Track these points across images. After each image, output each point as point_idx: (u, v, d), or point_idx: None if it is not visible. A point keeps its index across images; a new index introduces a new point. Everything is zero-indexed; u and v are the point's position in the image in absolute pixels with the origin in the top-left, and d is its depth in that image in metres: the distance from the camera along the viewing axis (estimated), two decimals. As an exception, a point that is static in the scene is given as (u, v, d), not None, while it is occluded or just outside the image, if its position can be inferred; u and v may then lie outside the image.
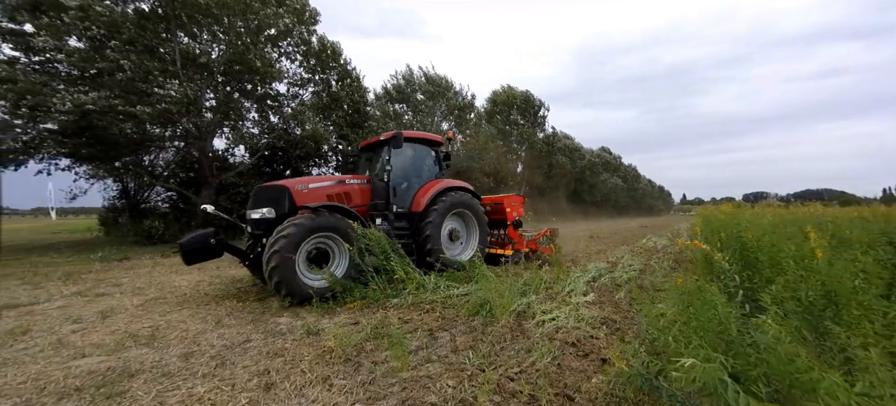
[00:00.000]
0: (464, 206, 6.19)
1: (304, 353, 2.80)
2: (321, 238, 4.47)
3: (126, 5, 11.76)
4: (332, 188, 5.46)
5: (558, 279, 4.82)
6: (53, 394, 2.23)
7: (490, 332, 3.16)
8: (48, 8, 10.26)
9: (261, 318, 3.77)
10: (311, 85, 18.11)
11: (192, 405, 2.11)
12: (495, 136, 28.18)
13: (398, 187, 5.87)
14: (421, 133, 6.60)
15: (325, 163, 18.96)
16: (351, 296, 4.12)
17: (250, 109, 16.09)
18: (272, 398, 2.21)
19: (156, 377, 2.45)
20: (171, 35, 12.64)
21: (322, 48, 17.79)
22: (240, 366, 2.61)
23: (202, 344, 3.03)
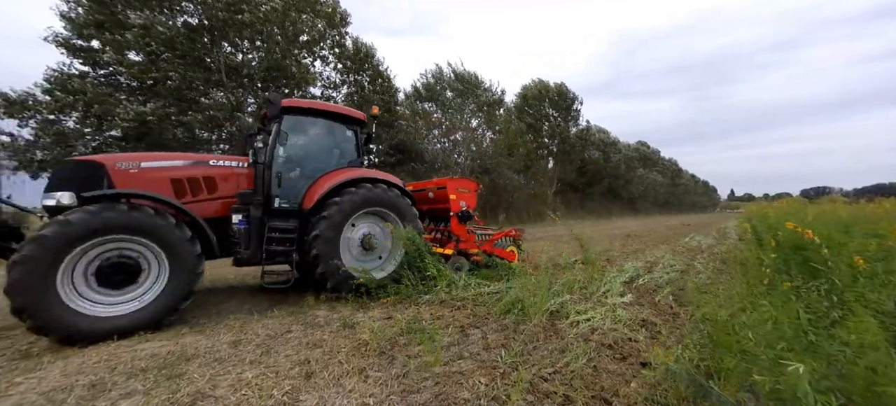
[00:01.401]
0: (383, 204, 4.61)
1: (340, 344, 2.92)
2: (120, 244, 3.21)
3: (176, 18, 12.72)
4: (182, 170, 3.97)
5: (593, 279, 4.67)
6: (123, 373, 2.48)
7: (522, 331, 3.12)
8: (112, 26, 11.34)
9: (300, 310, 3.97)
10: (344, 86, 18.68)
11: (242, 389, 2.26)
12: (525, 131, 27.69)
13: (285, 176, 4.44)
14: (328, 105, 4.94)
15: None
16: (384, 292, 4.22)
17: (288, 113, 16.80)
18: (312, 386, 2.32)
19: (209, 362, 2.65)
20: (216, 46, 13.54)
21: (357, 50, 18.28)
22: (282, 354, 2.76)
23: (248, 333, 3.25)
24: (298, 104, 4.75)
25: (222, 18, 12.22)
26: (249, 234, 4.05)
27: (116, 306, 3.24)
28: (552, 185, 31.88)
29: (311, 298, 4.36)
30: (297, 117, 4.67)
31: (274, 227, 4.19)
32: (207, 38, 13.35)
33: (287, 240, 4.22)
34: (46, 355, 2.83)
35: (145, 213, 3.28)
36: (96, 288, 3.19)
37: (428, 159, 20.22)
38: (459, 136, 22.16)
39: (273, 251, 4.13)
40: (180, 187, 3.93)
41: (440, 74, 21.99)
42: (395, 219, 4.76)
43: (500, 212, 24.48)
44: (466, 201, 5.61)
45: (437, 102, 21.64)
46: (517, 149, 24.13)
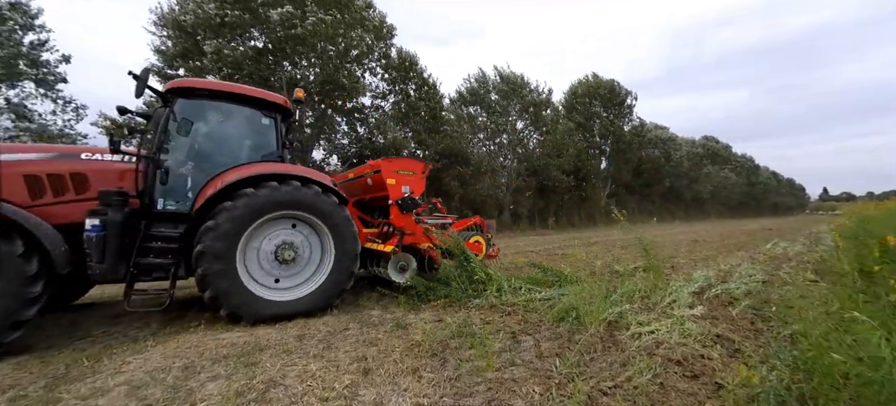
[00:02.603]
0: (297, 206, 3.81)
1: (395, 344, 3.02)
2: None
3: (245, 43, 14.19)
4: (41, 165, 3.34)
5: (656, 288, 4.32)
6: (209, 358, 2.81)
7: (578, 341, 2.98)
8: (193, 54, 12.98)
9: (357, 309, 4.18)
10: (391, 96, 19.44)
11: (307, 380, 2.44)
12: (574, 130, 26.56)
13: (174, 171, 3.70)
14: (235, 86, 4.18)
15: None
16: (436, 294, 4.29)
17: (341, 123, 17.94)
18: (369, 382, 2.43)
19: (279, 353, 2.90)
20: (278, 65, 14.87)
21: (401, 60, 18.98)
22: (342, 350, 2.93)
23: (312, 328, 3.50)
24: (194, 84, 3.91)
25: (280, 35, 13.37)
26: (105, 243, 3.19)
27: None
28: (606, 186, 30.16)
29: (366, 299, 4.58)
30: (194, 101, 3.86)
31: (153, 235, 3.47)
32: (271, 59, 14.72)
33: (168, 250, 3.49)
34: (150, 340, 3.29)
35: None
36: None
37: (473, 163, 20.25)
38: (505, 138, 21.91)
39: (148, 265, 3.42)
40: (37, 185, 3.28)
41: (484, 78, 21.96)
42: (318, 224, 3.97)
43: (549, 215, 23.70)
44: (410, 185, 4.73)
45: (481, 106, 21.62)
46: (566, 149, 23.22)
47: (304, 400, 2.21)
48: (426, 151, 19.37)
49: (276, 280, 3.91)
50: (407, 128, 19.20)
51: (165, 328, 3.65)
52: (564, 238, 15.02)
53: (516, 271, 5.73)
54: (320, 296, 3.95)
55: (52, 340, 3.35)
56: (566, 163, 22.98)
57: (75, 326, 3.75)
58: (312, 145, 16.39)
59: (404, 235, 4.65)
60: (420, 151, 19.69)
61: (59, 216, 3.27)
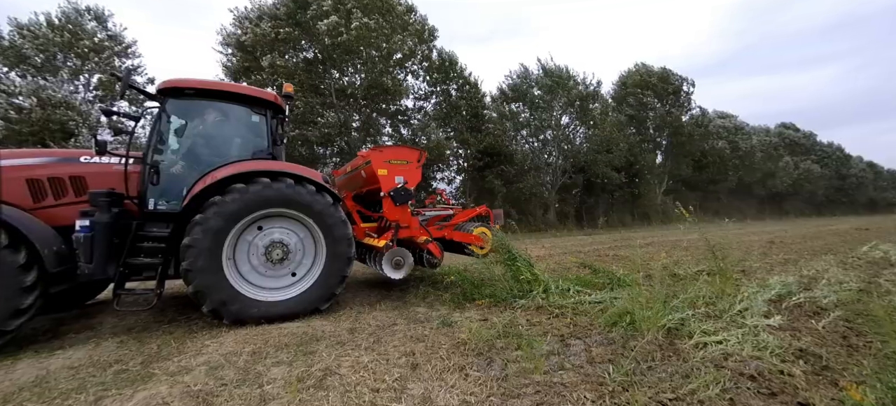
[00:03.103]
0: (287, 204, 3.77)
1: (441, 341, 3.08)
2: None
3: (297, 55, 15.24)
4: (42, 169, 3.50)
5: (724, 294, 3.94)
6: (273, 346, 3.07)
7: (633, 348, 2.81)
8: (253, 69, 14.20)
9: (404, 305, 4.32)
10: (433, 96, 19.73)
11: (360, 370, 2.57)
12: (626, 124, 24.99)
13: (165, 171, 3.78)
14: (226, 84, 4.09)
15: (447, 167, 20.25)
16: (480, 293, 4.29)
17: (385, 125, 18.57)
18: (418, 376, 2.50)
19: (333, 344, 3.09)
20: (327, 74, 15.76)
21: (442, 61, 19.19)
22: (390, 344, 3.05)
23: (362, 322, 3.69)
24: (184, 84, 3.88)
25: (328, 44, 14.16)
26: (92, 243, 3.23)
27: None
28: (662, 183, 28.02)
29: (412, 296, 4.70)
30: (184, 101, 3.91)
31: (143, 235, 3.52)
32: (321, 68, 15.65)
33: (158, 250, 3.53)
34: (224, 326, 3.67)
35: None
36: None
37: (517, 161, 19.88)
38: (549, 134, 21.21)
39: (138, 265, 3.48)
40: (39, 189, 3.45)
41: (526, 73, 21.43)
42: (310, 223, 3.90)
43: (597, 214, 22.57)
44: (404, 175, 4.47)
45: (524, 102, 21.14)
46: (616, 144, 21.91)
47: (357, 390, 2.33)
48: (468, 150, 19.40)
49: (294, 274, 3.94)
50: (449, 127, 19.37)
51: (236, 317, 4.05)
52: (615, 238, 14.19)
53: (564, 272, 5.54)
54: (308, 299, 3.84)
55: (147, 324, 3.87)
56: (616, 158, 21.70)
57: (163, 313, 4.29)
58: (359, 148, 17.17)
59: (399, 229, 4.46)
60: (462, 150, 19.77)
61: (60, 218, 3.38)
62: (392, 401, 2.21)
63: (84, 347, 3.22)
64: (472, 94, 19.84)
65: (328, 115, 14.36)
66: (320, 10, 13.61)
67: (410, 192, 4.49)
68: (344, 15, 13.73)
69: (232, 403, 2.19)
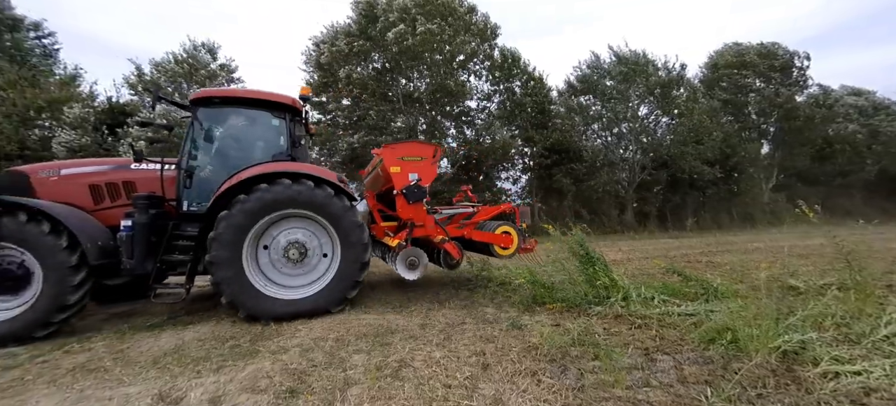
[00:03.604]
0: (305, 205, 3.86)
1: (511, 343, 3.02)
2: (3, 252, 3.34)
3: (367, 67, 16.33)
4: (101, 176, 3.97)
5: (862, 313, 3.19)
6: (354, 335, 3.34)
7: (737, 371, 2.43)
8: (331, 83, 15.62)
9: (472, 305, 4.34)
10: (496, 96, 19.53)
11: (432, 365, 2.66)
12: (719, 110, 21.79)
13: (197, 174, 4.06)
14: (247, 91, 4.39)
15: (512, 166, 19.86)
16: (551, 297, 4.12)
17: (450, 127, 18.92)
18: (488, 377, 2.49)
19: (406, 338, 3.24)
20: (394, 82, 16.61)
21: (504, 58, 18.88)
22: (461, 342, 3.09)
23: (432, 319, 3.80)
24: (211, 93, 4.26)
25: (395, 52, 14.90)
26: (133, 241, 3.58)
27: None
28: (769, 177, 23.83)
29: (480, 296, 4.71)
30: (212, 109, 4.22)
31: (177, 234, 3.85)
32: (389, 77, 16.56)
33: (188, 248, 3.83)
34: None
35: (14, 220, 3.27)
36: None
37: (587, 157, 18.64)
38: (625, 127, 19.48)
39: (172, 261, 3.81)
40: (98, 193, 3.91)
41: (597, 62, 19.95)
42: (327, 225, 3.99)
43: (685, 214, 20.05)
44: (419, 172, 4.28)
45: (595, 94, 19.73)
46: (708, 134, 19.20)
47: (430, 383, 2.41)
48: (534, 148, 18.78)
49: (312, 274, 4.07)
50: (513, 126, 18.98)
51: (321, 307, 4.49)
52: (708, 242, 12.44)
53: (647, 279, 5.04)
54: (331, 292, 3.95)
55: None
56: (708, 150, 19.00)
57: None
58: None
59: (414, 228, 4.33)
60: (527, 148, 19.20)
61: (114, 218, 3.71)
62: (463, 398, 2.23)
63: (208, 324, 3.87)
64: (537, 89, 19.14)
65: (397, 121, 15.16)
66: (388, 22, 14.44)
67: (424, 189, 4.32)
68: (409, 22, 14.36)
69: (321, 383, 2.43)
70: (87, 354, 3.07)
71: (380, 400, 2.22)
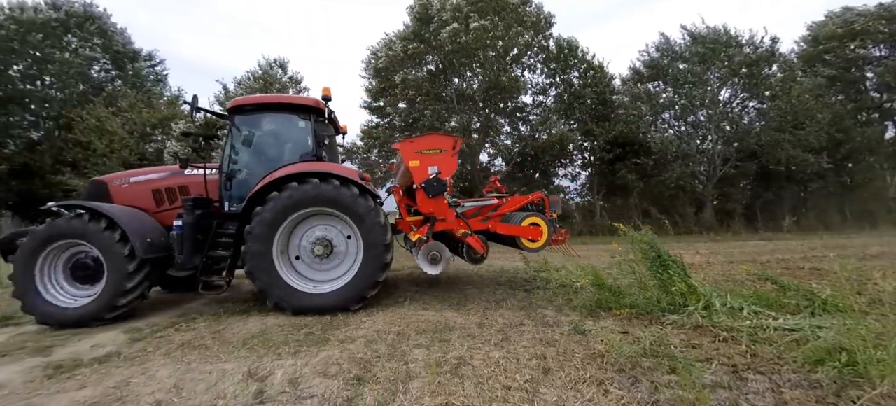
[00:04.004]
0: (330, 203, 3.99)
1: (574, 349, 2.88)
2: (75, 248, 3.89)
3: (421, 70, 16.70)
4: (161, 181, 4.50)
5: None
6: (414, 330, 3.46)
7: (854, 399, 2.04)
8: (388, 88, 16.30)
9: (530, 307, 4.23)
10: (552, 88, 18.75)
11: (491, 366, 2.64)
12: (825, 88, 18.43)
13: (236, 177, 4.39)
14: (276, 97, 4.60)
15: (571, 162, 18.96)
16: (618, 302, 3.84)
17: (504, 124, 18.63)
18: (550, 382, 2.40)
19: (464, 336, 3.26)
20: (448, 82, 16.77)
21: (560, 49, 18.02)
22: (520, 344, 3.03)
23: (489, 318, 3.78)
24: (244, 101, 4.60)
25: (448, 52, 15.02)
26: (182, 239, 4.01)
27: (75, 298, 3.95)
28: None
29: (539, 297, 4.57)
30: (247, 116, 4.53)
31: (220, 233, 4.20)
32: (443, 78, 16.79)
33: (229, 244, 4.16)
34: (375, 308, 4.32)
35: (79, 221, 3.85)
36: (74, 284, 4.02)
37: (656, 150, 17.04)
38: (702, 114, 17.43)
39: (216, 257, 4.15)
40: (159, 196, 4.45)
41: (667, 44, 18.08)
42: (351, 223, 4.08)
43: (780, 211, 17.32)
44: (438, 165, 4.19)
45: (665, 79, 17.94)
46: (811, 116, 16.33)
47: (489, 383, 2.40)
48: (595, 142, 17.69)
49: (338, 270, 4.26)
50: (572, 119, 18.06)
51: (385, 300, 4.72)
52: (813, 245, 10.61)
53: (733, 286, 4.46)
54: (351, 291, 4.06)
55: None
56: (812, 135, 16.13)
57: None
58: (479, 149, 17.70)
59: (435, 222, 4.28)
60: (587, 143, 18.16)
61: (172, 218, 4.18)
62: (524, 402, 2.18)
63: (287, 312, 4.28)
64: (597, 79, 17.95)
65: (452, 120, 15.34)
66: (441, 22, 14.64)
67: (444, 182, 4.24)
68: (462, 20, 14.40)
69: (385, 374, 2.55)
70: (192, 333, 3.59)
71: (440, 395, 2.27)
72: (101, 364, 2.87)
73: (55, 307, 3.86)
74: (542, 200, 4.83)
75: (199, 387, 2.44)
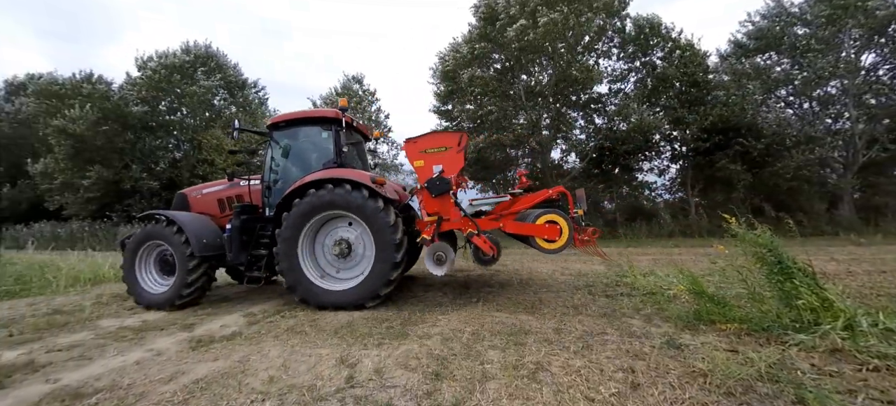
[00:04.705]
0: (342, 207, 4.30)
1: (668, 365, 2.59)
2: (160, 247, 4.85)
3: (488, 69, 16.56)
4: (223, 192, 5.35)
5: None
6: (488, 331, 3.47)
7: None
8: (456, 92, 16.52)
9: (612, 314, 3.92)
10: (631, 74, 17.12)
11: (571, 374, 2.52)
12: None
13: (274, 185, 4.99)
14: (302, 112, 5.13)
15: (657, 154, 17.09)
16: (724, 315, 3.34)
17: (577, 118, 17.58)
18: (640, 398, 2.20)
19: (540, 340, 3.17)
20: (516, 79, 16.39)
21: (639, 29, 16.32)
22: (603, 355, 2.83)
23: (567, 324, 3.61)
24: (278, 119, 5.14)
25: (515, 49, 14.63)
26: (231, 240, 4.73)
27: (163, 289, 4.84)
28: None
29: (624, 304, 4.22)
30: (282, 131, 5.09)
31: (261, 234, 4.80)
32: (509, 75, 16.46)
33: (267, 244, 4.71)
34: (449, 307, 4.44)
35: (158, 225, 4.83)
36: (161, 275, 5.01)
37: (767, 133, 14.37)
38: (835, 87, 14.19)
39: (257, 255, 4.75)
40: (222, 205, 5.29)
41: (780, 8, 15.06)
42: (363, 224, 4.35)
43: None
44: (443, 163, 4.18)
45: (779, 49, 15.00)
46: None
47: (569, 392, 2.29)
48: (686, 130, 15.65)
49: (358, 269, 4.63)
50: (657, 106, 16.24)
51: (458, 300, 4.83)
52: None
53: (888, 303, 3.56)
54: (365, 289, 4.29)
55: (404, 298, 5.16)
56: None
57: (410, 291, 5.61)
58: (550, 146, 16.97)
59: (441, 222, 4.23)
60: (677, 132, 16.16)
61: None
62: (611, 416, 2.04)
63: (369, 307, 4.65)
64: (686, 58, 15.79)
65: (519, 118, 14.97)
66: (508, 18, 14.36)
67: (447, 180, 4.18)
68: (529, 15, 13.94)
69: (461, 372, 2.61)
70: (293, 320, 4.11)
71: (517, 399, 2.24)
72: (228, 341, 3.47)
73: (146, 292, 4.85)
74: (563, 195, 4.47)
75: (302, 367, 2.79)
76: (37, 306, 5.18)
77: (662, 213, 15.64)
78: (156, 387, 2.54)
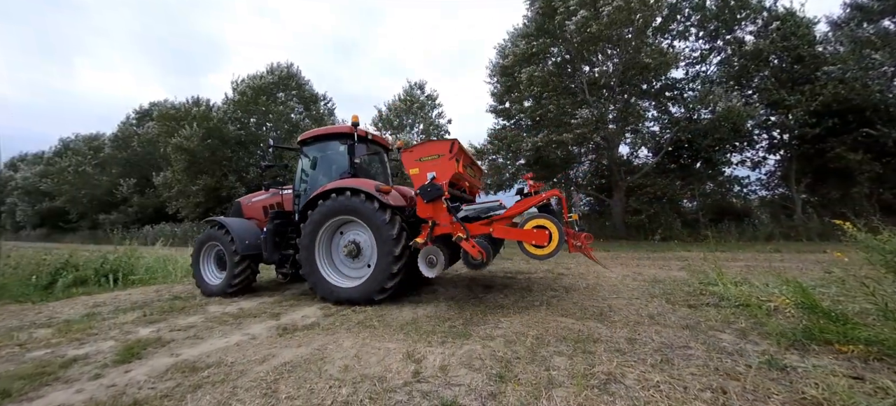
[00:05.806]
0: (346, 211, 4.78)
1: (770, 388, 2.26)
2: (216, 246, 5.75)
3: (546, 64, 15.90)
4: (267, 200, 6.10)
5: None
6: (553, 336, 3.36)
7: None
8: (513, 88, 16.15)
9: (696, 327, 3.52)
10: (714, 54, 15.19)
11: (649, 388, 2.33)
12: None
13: (302, 194, 5.61)
14: (323, 128, 5.77)
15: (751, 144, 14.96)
16: (844, 334, 2.81)
17: (648, 108, 16.13)
18: (735, 424, 1.95)
19: (611, 350, 2.98)
20: (576, 72, 15.53)
21: (722, 3, 14.33)
22: (686, 370, 2.56)
23: (642, 334, 3.33)
24: (307, 135, 5.77)
25: (576, 42, 13.82)
26: (266, 241, 5.49)
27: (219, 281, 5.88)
28: None
29: (711, 315, 3.77)
30: (309, 145, 5.71)
31: (290, 236, 5.48)
32: (570, 68, 15.65)
33: (294, 245, 5.30)
34: (510, 309, 4.40)
35: (212, 230, 5.84)
36: (219, 269, 5.96)
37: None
38: None
39: (285, 254, 5.46)
40: (266, 211, 6.00)
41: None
42: (367, 227, 4.76)
43: None
44: (436, 170, 4.37)
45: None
46: None
47: (647, 409, 2.12)
48: (788, 114, 13.44)
49: (368, 266, 5.00)
50: (749, 88, 14.15)
51: (519, 302, 4.76)
52: None
53: None
54: (371, 284, 4.67)
55: (465, 298, 5.24)
56: None
57: (471, 291, 5.67)
58: (618, 140, 15.78)
59: (435, 226, 4.42)
60: (776, 116, 13.94)
61: None
62: (699, 439, 1.84)
63: (432, 305, 4.80)
64: (787, 29, 13.47)
65: (581, 113, 14.12)
66: (567, 11, 13.67)
67: (439, 186, 4.34)
68: (590, 5, 13.11)
69: (526, 376, 2.56)
70: (363, 315, 4.41)
71: (588, 410, 2.14)
72: (309, 330, 3.85)
73: (206, 283, 5.79)
74: (558, 199, 4.50)
75: (372, 359, 2.99)
76: (161, 292, 6.32)
77: (758, 213, 13.56)
78: (252, 366, 2.92)
